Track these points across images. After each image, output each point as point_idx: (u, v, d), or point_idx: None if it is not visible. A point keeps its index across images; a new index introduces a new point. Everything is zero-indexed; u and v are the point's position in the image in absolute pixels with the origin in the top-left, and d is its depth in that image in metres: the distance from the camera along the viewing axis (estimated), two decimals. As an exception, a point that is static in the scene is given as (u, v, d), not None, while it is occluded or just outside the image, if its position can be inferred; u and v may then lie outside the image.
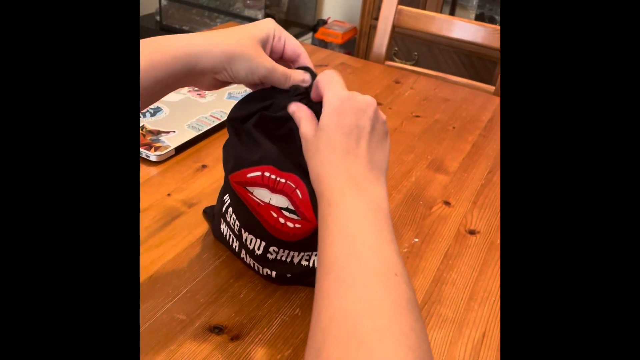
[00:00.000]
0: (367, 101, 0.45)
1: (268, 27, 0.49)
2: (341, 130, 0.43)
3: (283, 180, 0.48)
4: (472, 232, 0.66)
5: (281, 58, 0.51)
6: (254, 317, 0.51)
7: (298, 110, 0.47)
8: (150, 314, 0.50)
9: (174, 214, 0.63)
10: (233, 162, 0.50)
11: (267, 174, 0.48)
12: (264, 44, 0.48)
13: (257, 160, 0.48)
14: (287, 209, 0.48)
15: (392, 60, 2.15)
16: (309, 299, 0.54)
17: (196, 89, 0.87)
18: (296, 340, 0.49)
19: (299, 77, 0.49)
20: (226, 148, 0.53)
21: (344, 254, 0.37)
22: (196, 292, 0.53)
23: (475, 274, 0.59)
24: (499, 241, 0.65)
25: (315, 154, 0.44)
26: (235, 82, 0.48)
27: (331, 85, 0.45)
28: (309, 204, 0.47)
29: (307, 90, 0.48)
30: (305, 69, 0.50)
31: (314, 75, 0.50)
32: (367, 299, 0.33)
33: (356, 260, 0.36)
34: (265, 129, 0.49)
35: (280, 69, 0.48)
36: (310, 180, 0.47)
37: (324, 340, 0.32)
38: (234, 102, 0.52)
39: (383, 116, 0.47)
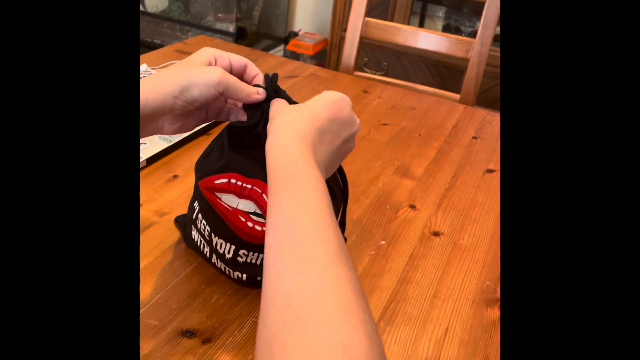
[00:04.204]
0: (356, 121, 0.49)
1: (207, 53, 0.50)
2: (325, 121, 0.46)
3: (249, 186, 0.49)
4: (436, 234, 0.69)
5: (231, 72, 0.52)
6: (225, 321, 0.52)
7: (276, 102, 0.50)
8: (123, 320, 0.51)
9: (145, 224, 0.64)
10: (203, 169, 0.52)
11: (233, 180, 0.50)
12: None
13: (222, 167, 0.50)
14: (254, 213, 0.50)
15: (363, 70, 2.19)
16: (279, 302, 0.55)
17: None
18: (266, 341, 0.51)
19: (252, 89, 0.50)
20: (200, 157, 0.55)
21: (301, 228, 0.36)
22: (168, 299, 0.54)
23: (439, 273, 0.62)
24: (461, 242, 0.68)
25: (281, 118, 0.46)
26: (195, 106, 0.47)
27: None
28: (275, 208, 0.49)
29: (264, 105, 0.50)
30: (258, 86, 0.51)
31: (271, 86, 0.51)
32: (327, 280, 0.33)
33: (315, 237, 0.36)
34: (230, 137, 0.51)
35: (232, 76, 0.48)
36: None
37: (283, 321, 0.32)
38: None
39: (354, 143, 0.50)
